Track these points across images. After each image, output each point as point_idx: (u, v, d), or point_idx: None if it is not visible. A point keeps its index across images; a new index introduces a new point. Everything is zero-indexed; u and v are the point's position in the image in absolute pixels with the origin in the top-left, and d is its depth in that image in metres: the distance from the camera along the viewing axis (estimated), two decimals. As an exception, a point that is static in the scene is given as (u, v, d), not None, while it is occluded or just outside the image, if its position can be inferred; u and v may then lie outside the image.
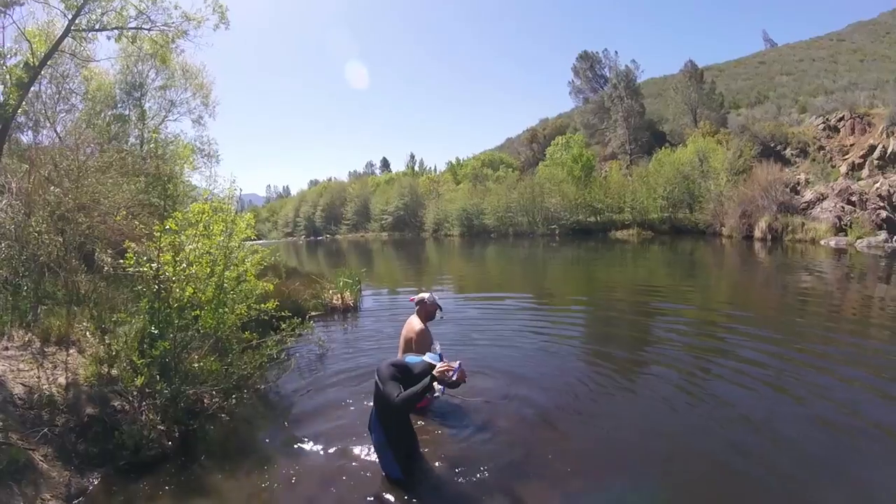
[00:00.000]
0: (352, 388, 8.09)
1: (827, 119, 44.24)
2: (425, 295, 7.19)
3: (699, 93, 60.94)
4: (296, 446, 6.17)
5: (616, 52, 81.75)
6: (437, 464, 5.54)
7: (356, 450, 5.90)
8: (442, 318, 7.53)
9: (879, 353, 9.07)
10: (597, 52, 78.91)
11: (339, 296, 14.64)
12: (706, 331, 11.23)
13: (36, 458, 5.04)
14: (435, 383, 4.85)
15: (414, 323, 7.04)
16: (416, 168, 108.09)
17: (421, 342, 6.74)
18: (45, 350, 6.97)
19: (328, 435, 6.41)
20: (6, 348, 6.78)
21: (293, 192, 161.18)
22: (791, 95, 58.56)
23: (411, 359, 5.33)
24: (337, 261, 38.34)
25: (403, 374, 5.07)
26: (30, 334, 7.25)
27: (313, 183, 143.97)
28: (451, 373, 4.79)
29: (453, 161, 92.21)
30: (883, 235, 28.07)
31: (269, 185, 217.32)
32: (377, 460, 5.34)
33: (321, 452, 5.99)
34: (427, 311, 7.09)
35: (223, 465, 5.72)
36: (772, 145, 45.41)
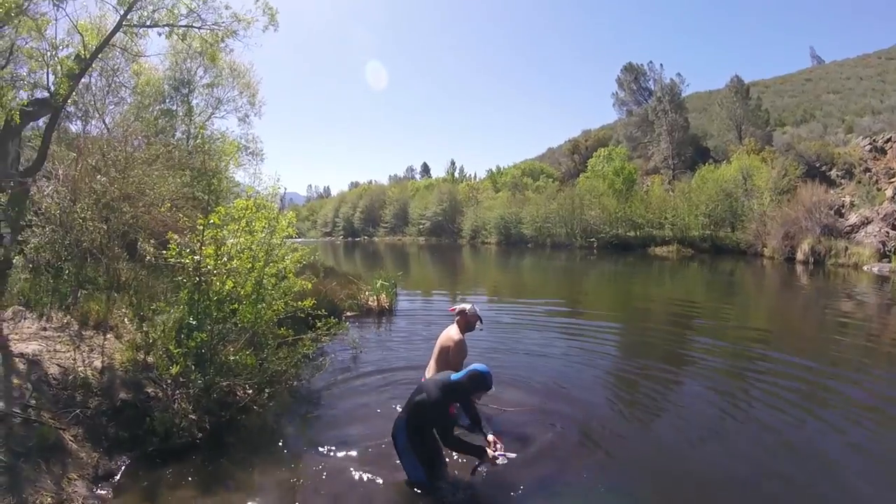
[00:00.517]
0: (383, 390, 8.09)
1: (874, 140, 43.23)
2: (466, 306, 7.05)
3: (745, 109, 60.03)
4: (324, 444, 6.14)
5: (661, 64, 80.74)
6: (460, 471, 5.47)
7: (385, 452, 5.83)
8: (481, 329, 7.40)
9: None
10: (642, 65, 77.98)
11: (374, 297, 14.65)
12: (743, 353, 10.92)
13: (66, 437, 5.08)
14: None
15: (452, 332, 6.89)
16: (456, 174, 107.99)
17: (457, 352, 6.62)
18: (83, 333, 7.05)
19: (357, 436, 6.39)
20: (44, 329, 6.87)
21: (333, 192, 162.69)
22: (837, 114, 57.51)
23: (455, 376, 5.20)
24: (374, 262, 38.49)
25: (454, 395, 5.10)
26: (68, 317, 7.35)
27: (353, 185, 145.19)
28: (498, 461, 4.92)
29: (493, 169, 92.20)
30: (928, 263, 27.19)
31: (310, 185, 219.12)
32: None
33: (349, 452, 5.95)
34: (467, 322, 6.95)
35: (251, 457, 5.72)
36: (817, 165, 44.51)
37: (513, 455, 4.91)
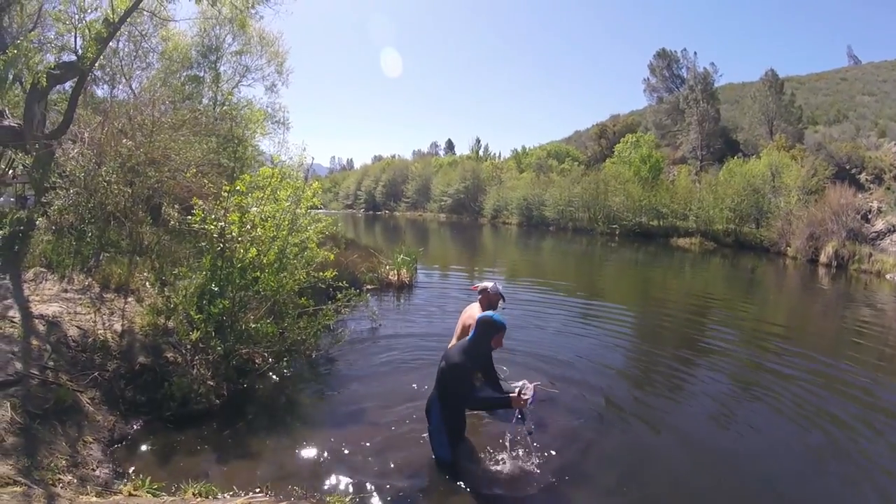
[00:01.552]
0: (401, 363, 8.06)
1: (906, 146, 42.49)
2: (489, 284, 6.99)
3: (777, 104, 58.96)
4: (342, 416, 6.13)
5: (695, 52, 79.33)
6: (485, 450, 5.41)
7: (403, 425, 5.82)
8: (503, 308, 7.31)
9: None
10: (675, 52, 76.75)
11: (395, 272, 14.60)
12: (757, 353, 10.72)
13: (83, 400, 5.07)
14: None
15: (474, 310, 6.82)
16: (481, 153, 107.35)
17: None
18: (104, 296, 7.05)
19: (375, 407, 6.37)
20: (65, 291, 6.87)
21: (357, 165, 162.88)
22: (871, 117, 56.40)
23: (470, 336, 5.17)
24: (394, 237, 38.51)
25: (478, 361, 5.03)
26: (90, 279, 7.35)
27: (377, 158, 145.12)
28: (529, 402, 4.79)
29: (518, 149, 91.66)
30: (952, 276, 26.64)
31: (333, 157, 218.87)
32: (424, 439, 5.26)
33: (366, 424, 5.93)
34: (489, 301, 6.88)
35: (268, 425, 5.71)
36: (847, 167, 43.72)
37: (539, 385, 4.79)
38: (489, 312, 5.19)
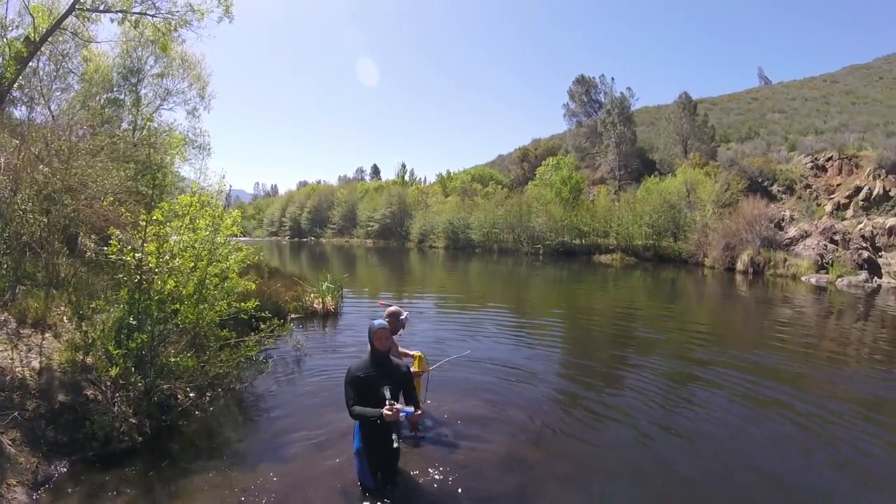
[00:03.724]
0: (328, 393, 8.03)
1: (815, 158, 44.72)
2: (396, 310, 7.12)
3: (691, 124, 61.17)
4: (268, 448, 6.12)
5: (612, 78, 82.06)
6: (414, 479, 5.49)
7: (329, 456, 5.87)
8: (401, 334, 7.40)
9: (850, 391, 9.13)
10: (593, 77, 79.30)
11: (320, 300, 14.56)
12: (682, 359, 11.20)
13: (4, 441, 4.95)
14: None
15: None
16: (407, 178, 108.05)
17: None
18: (21, 331, 6.86)
19: (301, 439, 6.37)
20: (-19, 326, 6.67)
21: (281, 191, 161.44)
22: (782, 133, 59.07)
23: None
24: (320, 264, 38.21)
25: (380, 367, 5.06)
26: (6, 314, 7.14)
27: (302, 184, 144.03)
28: (402, 417, 4.79)
29: (444, 174, 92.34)
30: (863, 275, 28.45)
31: (257, 183, 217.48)
32: (352, 468, 5.27)
33: (294, 456, 5.93)
34: (393, 325, 6.97)
35: (193, 462, 5.66)
36: (759, 180, 45.72)
37: (409, 409, 4.85)
38: (372, 321, 5.29)
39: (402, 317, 7.01)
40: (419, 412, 5.04)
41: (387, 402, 4.67)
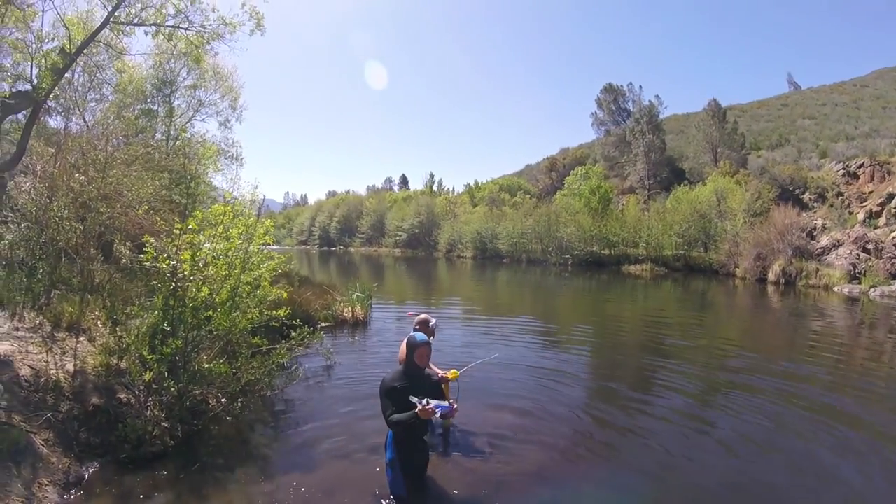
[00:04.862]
0: (357, 401, 8.04)
1: (847, 165, 44.07)
2: (427, 317, 7.16)
3: (721, 132, 60.78)
4: (298, 456, 6.13)
5: (640, 86, 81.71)
6: (445, 488, 5.47)
7: (359, 464, 5.86)
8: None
9: (881, 412, 8.88)
10: (621, 86, 78.93)
11: (349, 309, 14.61)
12: (713, 371, 11.05)
13: (37, 441, 5.02)
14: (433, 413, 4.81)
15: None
16: (435, 188, 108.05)
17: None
18: (56, 335, 6.98)
19: (331, 447, 6.38)
20: (17, 329, 6.79)
21: (311, 200, 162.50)
22: (812, 139, 58.51)
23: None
24: (349, 273, 38.40)
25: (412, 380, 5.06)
26: (41, 317, 7.26)
27: (331, 194, 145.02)
28: (437, 412, 4.76)
29: (472, 183, 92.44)
30: (896, 285, 27.70)
31: (287, 192, 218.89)
32: (383, 477, 5.26)
33: (323, 464, 5.94)
34: (425, 331, 7.00)
35: (223, 467, 5.69)
36: (790, 188, 45.21)
37: (439, 406, 4.82)
38: (412, 334, 5.34)
39: (431, 324, 7.03)
40: (455, 407, 5.02)
41: (420, 403, 4.68)
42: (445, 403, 4.84)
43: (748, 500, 5.54)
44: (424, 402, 4.68)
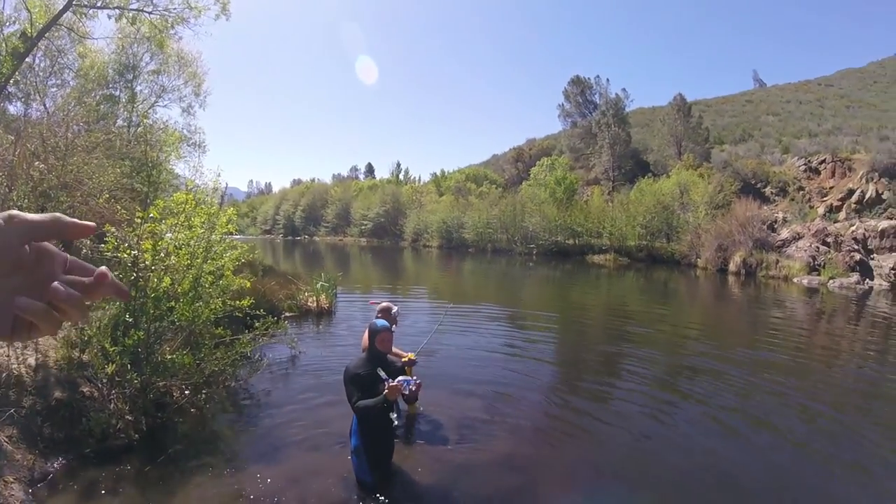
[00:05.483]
0: (322, 390, 8.07)
1: (809, 161, 44.80)
2: (388, 304, 7.27)
3: (685, 126, 61.36)
4: (264, 445, 6.16)
5: (608, 79, 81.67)
6: (411, 475, 5.54)
7: (325, 452, 5.92)
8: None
9: (839, 392, 9.20)
10: (589, 78, 79.05)
11: (314, 298, 14.57)
12: (675, 356, 11.33)
13: (1, 438, 4.97)
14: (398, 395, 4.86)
15: None
16: (401, 177, 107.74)
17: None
18: (16, 329, 6.86)
19: (297, 436, 6.41)
20: (-24, 323, 6.67)
21: (275, 189, 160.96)
22: (775, 135, 59.33)
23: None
24: (314, 262, 38.25)
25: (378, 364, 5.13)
26: (1, 310, 7.14)
27: (296, 182, 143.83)
28: (404, 389, 4.81)
29: (438, 173, 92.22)
30: (855, 277, 28.49)
31: (251, 181, 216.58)
32: (348, 465, 5.32)
33: (289, 453, 5.97)
34: (387, 318, 7.09)
35: (189, 459, 5.68)
36: (752, 182, 45.83)
37: (406, 381, 4.89)
38: (373, 321, 5.43)
39: (392, 311, 7.13)
40: (419, 383, 5.08)
41: (385, 383, 4.73)
42: (411, 378, 4.90)
43: (716, 476, 5.75)
44: (390, 380, 4.75)
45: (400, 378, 4.79)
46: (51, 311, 0.63)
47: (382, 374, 4.82)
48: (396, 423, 5.13)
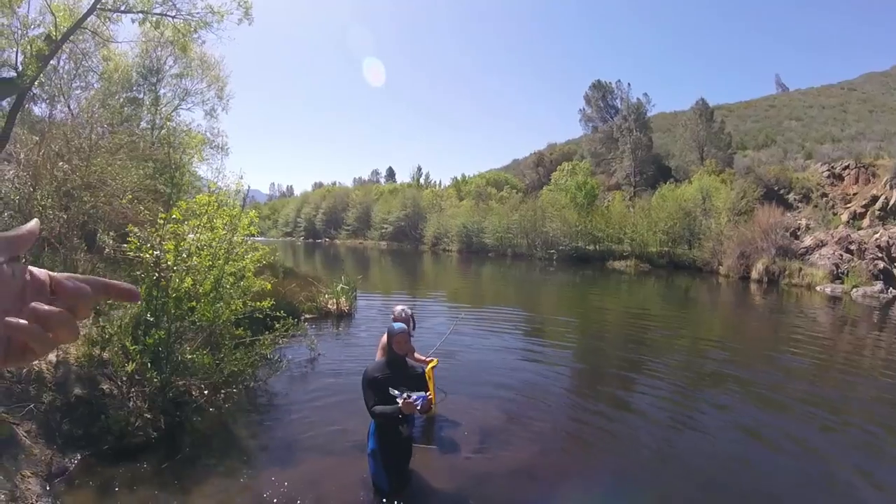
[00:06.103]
0: (341, 393, 8.07)
1: (832, 166, 44.25)
2: (401, 308, 7.27)
3: (708, 131, 60.98)
4: (281, 446, 6.15)
5: (629, 84, 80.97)
6: (428, 480, 5.51)
7: (342, 455, 5.90)
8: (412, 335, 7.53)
9: (862, 402, 9.06)
10: (610, 83, 78.67)
11: (334, 300, 14.60)
12: (697, 364, 11.22)
13: (20, 433, 5.00)
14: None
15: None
16: (422, 181, 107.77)
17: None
18: (38, 326, 6.91)
19: (314, 438, 6.40)
20: (-2, 319, 6.72)
21: (296, 192, 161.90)
22: (798, 140, 58.90)
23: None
24: (334, 265, 38.35)
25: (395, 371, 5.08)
26: (23, 308, 7.20)
27: (317, 185, 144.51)
28: (417, 405, 4.76)
29: (458, 177, 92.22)
30: (879, 286, 27.96)
31: (273, 183, 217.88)
32: (365, 468, 5.29)
33: (306, 455, 5.96)
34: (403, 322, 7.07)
35: (206, 458, 5.69)
36: (775, 188, 45.35)
37: (417, 397, 4.85)
38: (391, 324, 5.39)
39: (397, 310, 7.15)
40: (431, 398, 5.06)
41: (402, 397, 4.70)
42: (423, 394, 4.86)
43: (742, 487, 5.67)
44: (405, 395, 4.70)
45: (414, 395, 4.74)
46: (42, 330, 0.61)
47: (394, 391, 4.78)
48: (405, 434, 5.10)
